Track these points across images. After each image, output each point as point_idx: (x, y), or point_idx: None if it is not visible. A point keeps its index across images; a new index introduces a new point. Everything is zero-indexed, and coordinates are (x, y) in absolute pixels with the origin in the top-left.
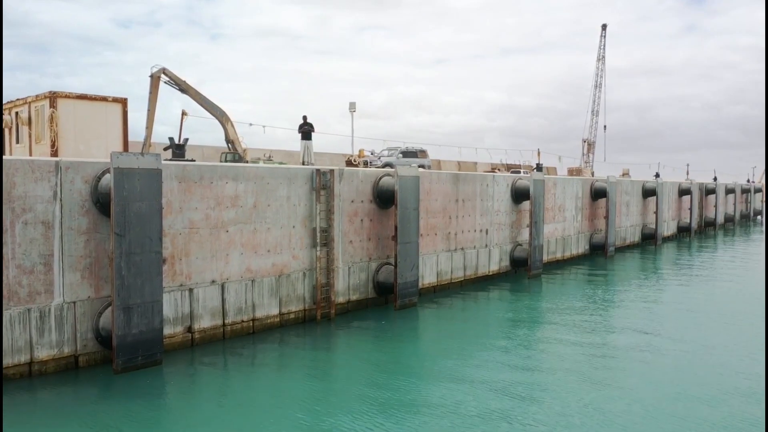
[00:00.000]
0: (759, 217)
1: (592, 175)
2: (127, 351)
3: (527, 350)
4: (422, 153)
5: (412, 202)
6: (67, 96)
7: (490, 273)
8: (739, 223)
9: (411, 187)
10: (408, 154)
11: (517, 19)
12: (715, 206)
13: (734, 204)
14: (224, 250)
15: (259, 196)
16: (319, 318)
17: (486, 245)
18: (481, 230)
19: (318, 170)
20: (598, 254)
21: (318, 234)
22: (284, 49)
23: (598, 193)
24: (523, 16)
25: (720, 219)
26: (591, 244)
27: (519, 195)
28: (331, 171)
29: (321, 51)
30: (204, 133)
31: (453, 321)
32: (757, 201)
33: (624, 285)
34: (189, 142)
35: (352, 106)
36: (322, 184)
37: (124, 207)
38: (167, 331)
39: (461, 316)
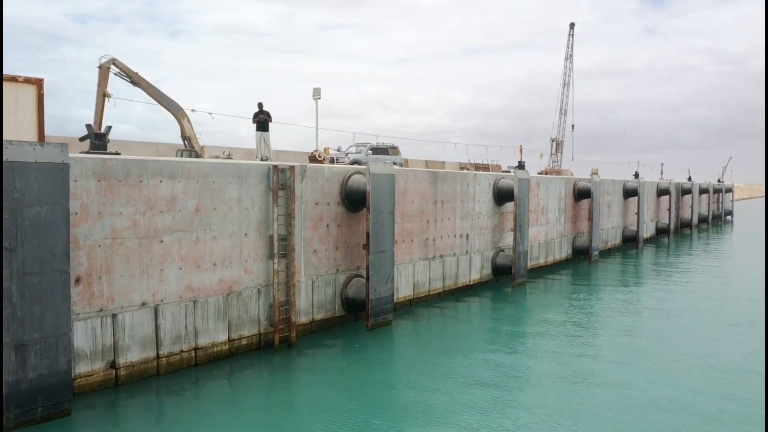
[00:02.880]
0: (729, 217)
1: (572, 175)
2: (22, 401)
3: (518, 381)
4: (393, 149)
5: (386, 205)
6: None
7: (471, 282)
8: (712, 224)
9: (385, 186)
10: (378, 150)
11: (482, 19)
12: (691, 207)
13: (708, 204)
14: (158, 265)
15: (202, 198)
16: (277, 343)
17: (466, 252)
18: (461, 235)
19: (276, 167)
20: (581, 259)
21: (276, 243)
22: (247, 46)
23: (581, 194)
24: (488, 16)
25: (695, 220)
26: (574, 248)
27: (502, 196)
28: (292, 168)
29: (285, 49)
30: (165, 132)
31: (433, 343)
32: (728, 201)
33: (616, 295)
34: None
35: (317, 93)
36: (280, 183)
37: (16, 213)
38: (81, 369)
39: (442, 336)
